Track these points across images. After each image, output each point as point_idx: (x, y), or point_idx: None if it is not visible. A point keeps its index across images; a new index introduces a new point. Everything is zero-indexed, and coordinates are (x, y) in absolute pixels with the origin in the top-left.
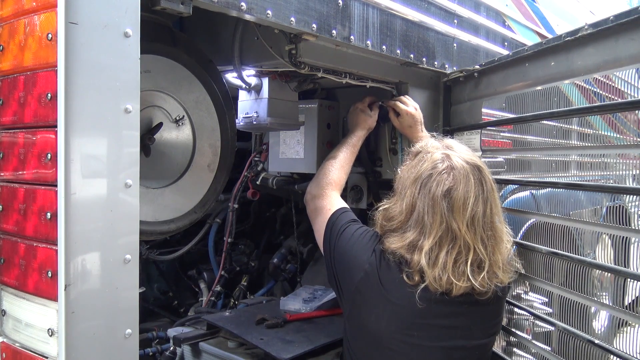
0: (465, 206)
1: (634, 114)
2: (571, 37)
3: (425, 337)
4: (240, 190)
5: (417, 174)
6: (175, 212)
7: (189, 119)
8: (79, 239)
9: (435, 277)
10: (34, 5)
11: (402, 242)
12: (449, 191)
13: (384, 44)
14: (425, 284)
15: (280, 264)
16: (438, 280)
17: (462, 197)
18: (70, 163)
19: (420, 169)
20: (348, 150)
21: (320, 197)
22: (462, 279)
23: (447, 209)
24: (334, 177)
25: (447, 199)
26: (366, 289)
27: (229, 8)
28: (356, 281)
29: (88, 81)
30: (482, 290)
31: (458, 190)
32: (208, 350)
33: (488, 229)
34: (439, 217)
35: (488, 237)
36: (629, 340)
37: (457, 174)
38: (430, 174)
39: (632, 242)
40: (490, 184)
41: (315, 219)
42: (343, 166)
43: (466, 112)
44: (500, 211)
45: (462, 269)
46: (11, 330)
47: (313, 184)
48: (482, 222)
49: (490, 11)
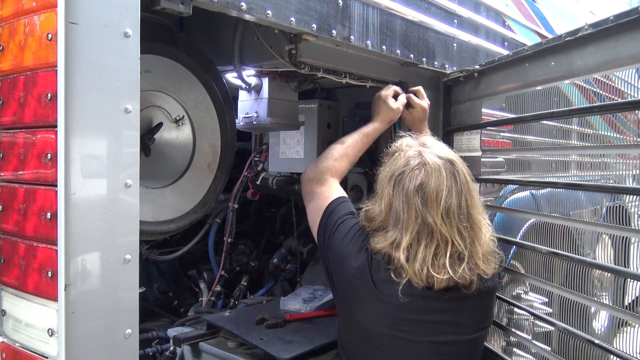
0: (439, 199)
1: (634, 114)
2: (571, 37)
3: (415, 333)
4: (240, 190)
5: (392, 172)
6: (175, 212)
7: (189, 119)
8: (79, 239)
9: (416, 272)
10: (34, 5)
11: (385, 242)
12: (421, 186)
13: (384, 44)
14: (407, 279)
15: (280, 264)
16: (419, 275)
17: (434, 191)
18: (70, 163)
19: (394, 167)
20: (359, 138)
21: (318, 181)
22: (443, 272)
23: (422, 204)
24: (335, 164)
25: (420, 194)
26: (357, 284)
27: (229, 8)
28: (348, 276)
29: (88, 81)
30: (465, 283)
31: (430, 184)
32: (208, 350)
33: (464, 220)
34: (414, 212)
35: (465, 229)
36: (629, 340)
37: (428, 168)
38: (403, 171)
39: (632, 242)
40: (464, 177)
41: (310, 202)
42: (348, 154)
43: (466, 112)
44: (477, 203)
45: (442, 261)
46: (11, 330)
47: (312, 165)
48: (458, 214)
49: (490, 11)
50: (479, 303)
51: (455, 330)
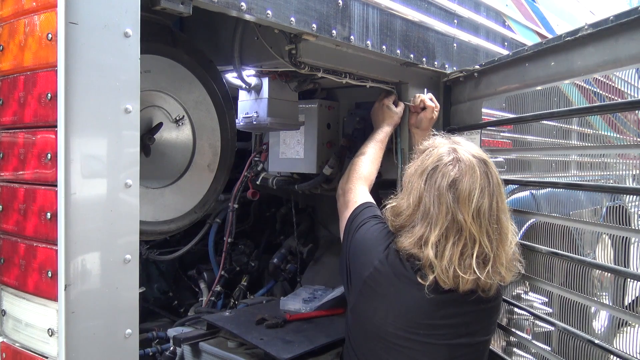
0: (471, 198)
1: (634, 114)
2: (571, 37)
3: (432, 336)
4: (240, 190)
5: (423, 167)
6: (175, 212)
7: (189, 119)
8: (79, 239)
9: (443, 270)
10: (34, 5)
11: (411, 239)
12: (455, 182)
13: (384, 44)
14: (434, 277)
15: (280, 264)
16: (445, 273)
17: (467, 189)
18: (70, 163)
19: (426, 163)
20: (376, 146)
21: (349, 191)
22: (469, 272)
23: (453, 200)
24: (363, 171)
25: (452, 190)
26: (375, 284)
27: (229, 8)
28: (365, 275)
29: (88, 81)
30: (486, 287)
31: (463, 182)
32: (208, 350)
33: (494, 222)
34: (445, 208)
35: (493, 231)
36: (629, 340)
37: (462, 166)
38: (436, 166)
39: (632, 242)
40: (497, 179)
41: (342, 212)
42: (372, 161)
43: (466, 112)
44: (506, 208)
45: (468, 262)
46: (11, 330)
47: (343, 180)
48: (488, 215)
49: (490, 11)
50: (492, 305)
51: (470, 333)
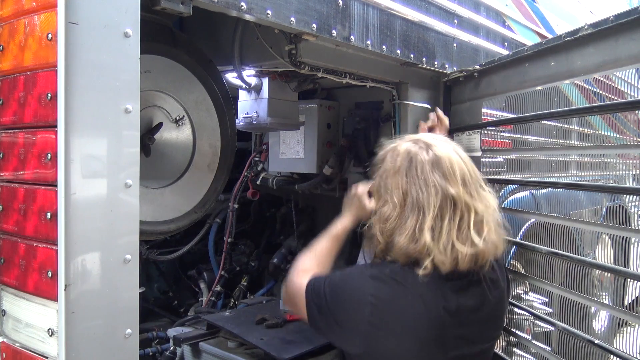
0: (455, 169)
1: (634, 114)
2: (571, 37)
3: (440, 349)
4: (240, 190)
5: (396, 168)
6: (175, 212)
7: (189, 119)
8: (79, 239)
9: (441, 250)
10: (34, 5)
11: (406, 232)
12: (436, 162)
13: (384, 44)
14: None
15: (280, 264)
16: (443, 252)
17: (449, 163)
18: (70, 163)
19: (396, 163)
20: (329, 244)
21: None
22: (467, 243)
23: (440, 178)
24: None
25: (436, 170)
26: (379, 319)
27: (229, 8)
28: (366, 316)
29: (88, 81)
30: (483, 259)
31: (444, 159)
32: (208, 350)
33: (479, 187)
34: (434, 189)
35: (481, 197)
36: (629, 340)
37: (435, 148)
38: (410, 159)
39: (632, 242)
40: (463, 150)
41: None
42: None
43: (466, 112)
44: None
45: (465, 233)
46: (11, 330)
47: (285, 282)
48: (472, 182)
49: (490, 11)
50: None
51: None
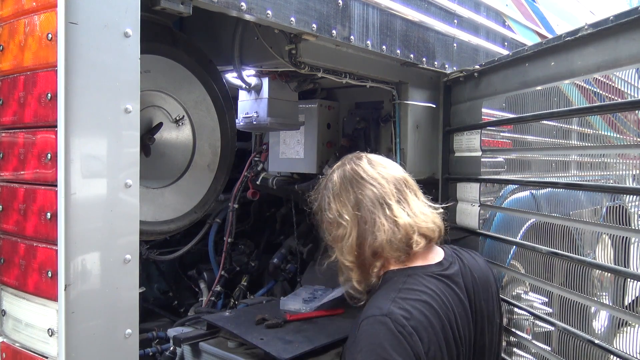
0: (387, 162)
1: (634, 114)
2: (571, 37)
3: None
4: (240, 190)
5: (336, 191)
6: (175, 212)
7: (189, 119)
8: (79, 239)
9: (422, 219)
10: (34, 5)
11: (383, 228)
12: (373, 163)
13: (384, 44)
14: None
15: (280, 264)
16: (425, 221)
17: (381, 159)
18: (70, 163)
19: (333, 188)
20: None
21: None
22: (430, 210)
23: (383, 169)
24: None
25: (375, 166)
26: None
27: (229, 8)
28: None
29: (88, 81)
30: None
31: (374, 157)
32: (208, 350)
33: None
34: (385, 181)
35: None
36: (629, 340)
37: (361, 155)
38: (350, 175)
39: (632, 242)
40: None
41: None
42: None
43: (466, 112)
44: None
45: (423, 201)
46: (11, 330)
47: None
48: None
49: (490, 11)
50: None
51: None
